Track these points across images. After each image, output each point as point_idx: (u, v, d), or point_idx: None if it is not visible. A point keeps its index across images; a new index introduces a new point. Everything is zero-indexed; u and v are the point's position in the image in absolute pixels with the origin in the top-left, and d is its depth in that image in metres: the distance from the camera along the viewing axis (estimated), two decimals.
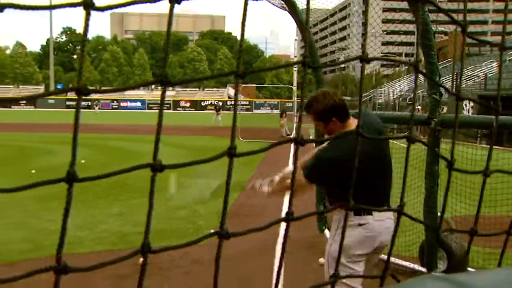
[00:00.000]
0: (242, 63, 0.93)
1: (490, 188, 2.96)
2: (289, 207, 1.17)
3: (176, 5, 0.85)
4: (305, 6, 6.37)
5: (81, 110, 0.87)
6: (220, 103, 52.30)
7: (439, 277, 0.97)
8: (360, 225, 3.62)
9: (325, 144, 3.67)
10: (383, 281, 1.25)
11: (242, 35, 0.94)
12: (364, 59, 1.05)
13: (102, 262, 0.98)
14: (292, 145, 1.00)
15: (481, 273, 1.04)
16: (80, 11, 0.79)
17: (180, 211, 8.77)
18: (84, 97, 0.83)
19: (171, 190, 9.57)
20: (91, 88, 0.87)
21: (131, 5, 0.85)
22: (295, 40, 38.76)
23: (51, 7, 0.86)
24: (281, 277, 5.66)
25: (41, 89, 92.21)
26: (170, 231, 7.41)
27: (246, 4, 0.91)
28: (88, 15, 0.79)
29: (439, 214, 5.76)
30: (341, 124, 3.56)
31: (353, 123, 3.60)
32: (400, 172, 1.36)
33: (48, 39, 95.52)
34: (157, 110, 0.90)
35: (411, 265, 5.69)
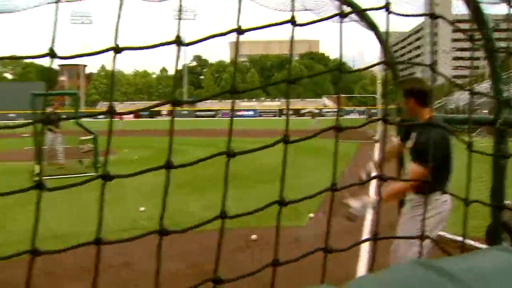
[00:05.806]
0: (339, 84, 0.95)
1: None
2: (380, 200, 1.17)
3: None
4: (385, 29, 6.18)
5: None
6: (317, 111, 51.25)
7: (503, 248, 0.94)
8: (444, 202, 3.39)
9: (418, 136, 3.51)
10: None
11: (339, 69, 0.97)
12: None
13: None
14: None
15: None
16: (210, 43, 0.84)
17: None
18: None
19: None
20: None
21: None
22: (379, 58, 37.75)
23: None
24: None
25: None
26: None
27: (341, 49, 0.93)
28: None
29: (506, 202, 5.40)
30: (420, 107, 3.47)
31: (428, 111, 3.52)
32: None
33: (184, 64, 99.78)
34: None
35: (479, 245, 5.38)
